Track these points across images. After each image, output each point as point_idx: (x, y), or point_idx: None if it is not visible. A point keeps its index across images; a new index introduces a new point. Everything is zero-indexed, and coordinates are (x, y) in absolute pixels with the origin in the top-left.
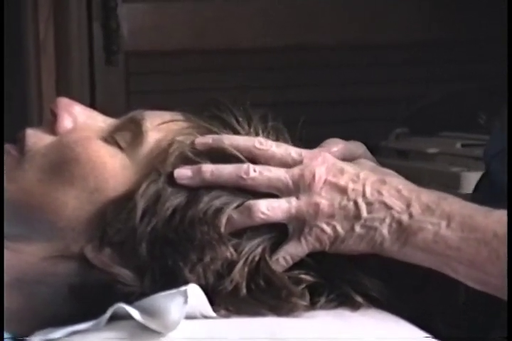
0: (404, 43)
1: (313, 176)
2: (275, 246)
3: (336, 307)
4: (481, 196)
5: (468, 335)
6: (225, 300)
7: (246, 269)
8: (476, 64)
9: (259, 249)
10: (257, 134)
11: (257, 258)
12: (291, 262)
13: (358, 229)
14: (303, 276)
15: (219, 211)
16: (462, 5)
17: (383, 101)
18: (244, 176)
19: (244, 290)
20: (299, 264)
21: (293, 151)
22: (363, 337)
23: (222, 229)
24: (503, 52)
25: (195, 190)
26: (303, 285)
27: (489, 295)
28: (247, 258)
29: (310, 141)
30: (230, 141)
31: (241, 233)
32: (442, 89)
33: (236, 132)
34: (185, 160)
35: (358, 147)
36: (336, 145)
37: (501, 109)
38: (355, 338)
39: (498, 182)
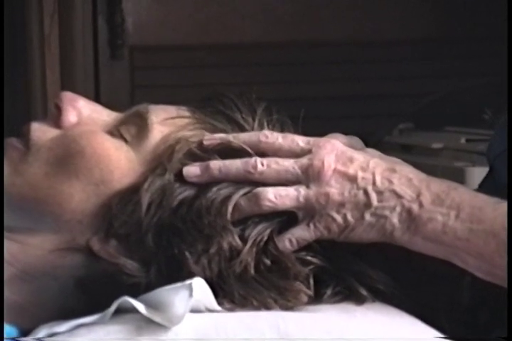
0: (410, 39)
1: (323, 165)
2: (283, 230)
3: (340, 301)
4: (485, 193)
5: (470, 333)
6: (232, 287)
7: (254, 249)
8: (482, 60)
9: (268, 231)
10: (261, 127)
11: (265, 239)
12: (296, 245)
13: (368, 217)
14: (309, 258)
15: (227, 198)
16: (469, 1)
17: (388, 97)
18: (252, 170)
19: (252, 271)
20: (307, 249)
21: (300, 141)
22: (368, 331)
23: (229, 216)
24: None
25: (205, 184)
26: (310, 267)
27: (494, 293)
28: (255, 239)
29: (314, 137)
30: (236, 138)
31: (248, 219)
32: (448, 84)
33: (241, 127)
34: (192, 157)
35: (356, 142)
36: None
37: (507, 106)
38: (361, 332)
39: (502, 182)
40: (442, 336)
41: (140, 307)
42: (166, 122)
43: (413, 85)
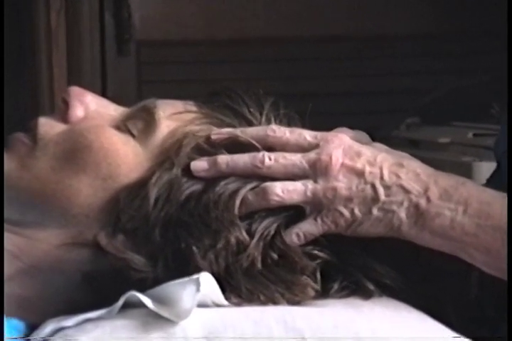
0: (417, 34)
1: (330, 159)
2: (291, 224)
3: (347, 295)
4: (493, 189)
5: (478, 327)
6: (240, 282)
7: (261, 243)
8: (489, 55)
9: (275, 225)
10: (269, 122)
11: (272, 233)
12: (303, 239)
13: (375, 212)
14: (316, 252)
15: (234, 193)
16: None
17: (396, 92)
18: (260, 165)
19: (259, 265)
20: (314, 243)
21: (308, 135)
22: (375, 326)
23: (236, 211)
24: None
25: (212, 179)
26: (317, 261)
27: (501, 288)
28: (262, 233)
29: (321, 131)
30: (243, 133)
31: (255, 213)
32: (455, 79)
33: (248, 121)
34: (200, 151)
35: (363, 137)
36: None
37: None
38: (368, 326)
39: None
40: (450, 331)
41: (147, 301)
42: (173, 117)
43: (420, 80)
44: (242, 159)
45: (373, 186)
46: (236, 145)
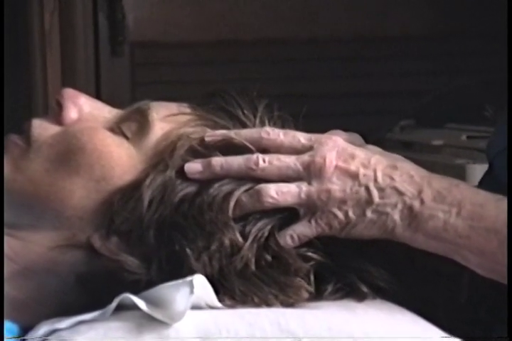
0: (411, 36)
1: (324, 162)
2: (284, 226)
3: (341, 298)
4: (484, 190)
5: (470, 330)
6: (233, 283)
7: (255, 245)
8: (483, 57)
9: (269, 227)
10: (263, 124)
11: (266, 235)
12: (297, 241)
13: (369, 214)
14: (310, 254)
15: (228, 195)
16: None
17: (390, 94)
18: (254, 167)
19: (253, 267)
20: (308, 245)
21: (302, 137)
22: (369, 328)
23: (230, 213)
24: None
25: (207, 181)
26: (311, 263)
27: (493, 291)
28: (256, 235)
29: (315, 133)
30: (237, 135)
31: (249, 215)
32: (449, 82)
33: (242, 123)
34: (194, 153)
35: (357, 139)
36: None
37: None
38: (362, 329)
39: (501, 179)
40: (443, 332)
41: (141, 304)
42: (167, 119)
43: (414, 82)
44: (236, 161)
45: (367, 188)
46: (230, 147)
